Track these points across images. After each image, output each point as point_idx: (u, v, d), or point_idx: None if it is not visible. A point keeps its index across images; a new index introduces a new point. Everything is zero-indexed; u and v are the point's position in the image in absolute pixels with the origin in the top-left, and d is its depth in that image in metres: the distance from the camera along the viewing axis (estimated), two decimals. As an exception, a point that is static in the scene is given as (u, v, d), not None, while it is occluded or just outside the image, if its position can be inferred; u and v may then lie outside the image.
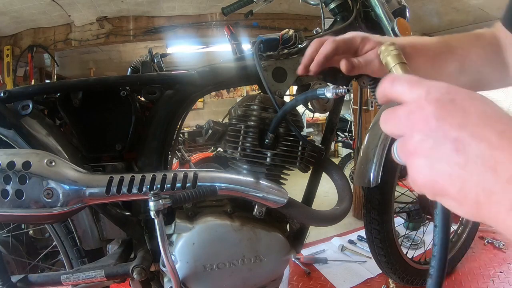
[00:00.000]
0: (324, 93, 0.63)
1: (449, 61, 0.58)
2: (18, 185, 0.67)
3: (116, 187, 0.72)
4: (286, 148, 0.81)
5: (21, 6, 3.08)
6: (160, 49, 3.98)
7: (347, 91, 0.60)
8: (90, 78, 1.13)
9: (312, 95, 0.72)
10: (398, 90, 0.30)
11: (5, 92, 0.76)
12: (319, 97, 0.68)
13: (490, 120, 0.25)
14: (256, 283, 0.84)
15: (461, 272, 1.45)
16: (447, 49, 0.59)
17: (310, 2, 1.05)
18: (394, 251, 1.22)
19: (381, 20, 0.91)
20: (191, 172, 0.76)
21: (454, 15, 3.78)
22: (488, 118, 0.25)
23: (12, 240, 0.95)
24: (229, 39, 1.00)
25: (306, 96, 0.73)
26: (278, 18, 3.83)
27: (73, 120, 0.84)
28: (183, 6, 3.57)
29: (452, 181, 0.25)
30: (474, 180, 0.24)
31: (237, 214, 0.82)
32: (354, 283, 1.45)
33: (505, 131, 0.24)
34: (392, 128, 0.30)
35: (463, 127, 0.25)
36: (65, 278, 0.76)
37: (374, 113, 2.79)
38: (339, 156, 6.08)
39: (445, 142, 0.26)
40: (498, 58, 0.60)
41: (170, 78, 0.87)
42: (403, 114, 0.28)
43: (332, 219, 0.85)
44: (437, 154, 0.26)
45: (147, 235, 0.83)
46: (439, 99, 0.27)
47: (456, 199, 0.26)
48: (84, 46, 3.72)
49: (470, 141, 0.25)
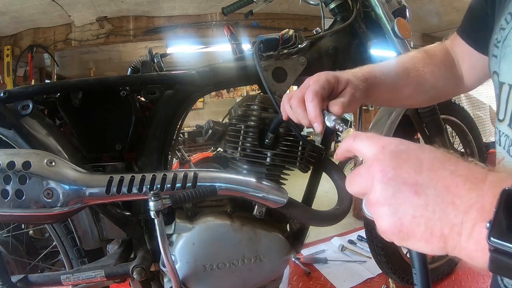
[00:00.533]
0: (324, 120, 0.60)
1: (407, 85, 0.63)
2: (18, 185, 0.67)
3: (116, 187, 0.72)
4: (286, 148, 0.81)
5: (21, 6, 3.09)
6: (160, 49, 3.97)
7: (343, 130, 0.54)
8: (90, 78, 1.13)
9: None
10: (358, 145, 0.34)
11: (5, 92, 0.76)
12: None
13: (441, 163, 0.28)
14: (256, 283, 0.84)
15: (461, 272, 1.45)
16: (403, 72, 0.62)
17: (310, 2, 1.05)
18: (394, 251, 1.22)
19: (381, 20, 0.91)
20: (191, 172, 0.76)
21: (454, 15, 3.78)
22: (440, 162, 0.29)
23: (12, 240, 0.95)
24: (229, 39, 1.00)
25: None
26: (278, 18, 3.84)
27: (73, 120, 0.84)
28: (183, 6, 3.58)
29: (417, 222, 0.27)
30: (437, 217, 0.27)
31: (237, 214, 0.82)
32: (354, 283, 1.45)
33: (456, 169, 0.28)
34: (356, 187, 0.32)
35: (419, 172, 0.28)
36: (65, 278, 0.76)
37: (374, 113, 2.78)
38: (339, 156, 6.07)
39: (405, 188, 0.28)
40: (451, 72, 0.65)
41: (170, 78, 0.87)
42: (364, 170, 0.31)
43: (332, 219, 0.85)
44: (399, 200, 0.28)
45: (147, 235, 0.83)
46: (393, 150, 0.30)
47: (423, 239, 0.28)
48: (84, 46, 3.72)
49: (428, 183, 0.28)
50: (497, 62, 0.47)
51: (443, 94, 0.69)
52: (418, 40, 4.54)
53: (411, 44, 0.95)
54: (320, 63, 0.92)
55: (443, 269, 1.40)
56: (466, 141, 1.36)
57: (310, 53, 0.91)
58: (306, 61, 0.89)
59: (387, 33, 0.92)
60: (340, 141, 0.38)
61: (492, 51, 0.48)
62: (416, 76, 0.63)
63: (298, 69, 0.88)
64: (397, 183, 0.28)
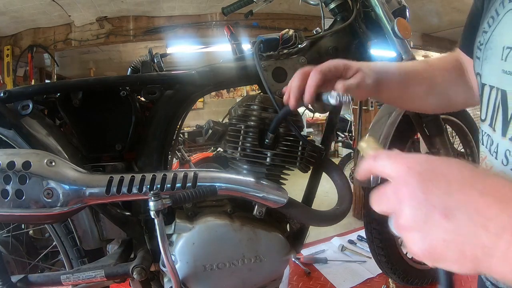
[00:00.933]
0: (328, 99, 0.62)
1: (417, 84, 0.63)
2: (18, 185, 0.67)
3: (116, 187, 0.72)
4: (286, 148, 0.81)
5: (21, 6, 3.08)
6: (160, 49, 3.97)
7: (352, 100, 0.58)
8: (90, 78, 1.13)
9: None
10: (381, 166, 0.33)
11: (5, 92, 0.76)
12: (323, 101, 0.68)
13: (470, 183, 0.28)
14: (256, 283, 0.84)
15: (461, 272, 1.45)
16: (414, 73, 0.63)
17: (310, 2, 1.05)
18: (394, 251, 1.22)
19: (381, 20, 0.91)
20: (191, 172, 0.76)
21: (454, 15, 3.78)
22: (468, 181, 0.28)
23: (12, 240, 0.95)
24: (229, 39, 1.00)
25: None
26: (278, 18, 3.83)
27: (73, 120, 0.84)
28: (183, 6, 3.57)
29: (448, 247, 0.27)
30: (468, 240, 0.27)
31: (237, 214, 0.82)
32: (354, 283, 1.44)
33: (485, 188, 0.27)
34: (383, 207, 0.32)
35: (448, 194, 0.28)
36: (65, 278, 0.76)
37: (374, 113, 2.78)
38: (339, 156, 6.07)
39: (435, 213, 0.28)
40: (462, 80, 0.64)
41: (170, 78, 0.87)
42: (391, 192, 0.31)
43: (332, 219, 0.85)
44: (429, 224, 0.28)
45: (147, 235, 0.83)
46: (420, 172, 0.29)
47: (455, 261, 0.28)
48: (84, 46, 3.72)
49: (458, 206, 0.27)
50: (480, 64, 0.47)
51: (453, 102, 0.68)
52: (418, 40, 4.54)
53: (411, 44, 0.95)
54: (320, 63, 0.91)
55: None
56: (466, 141, 1.36)
57: (310, 53, 0.91)
58: (306, 61, 0.89)
59: (387, 33, 0.92)
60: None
61: (475, 53, 0.49)
62: (427, 78, 0.63)
63: (298, 69, 0.87)
64: (427, 208, 0.28)
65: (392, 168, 0.31)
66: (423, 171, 0.29)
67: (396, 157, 0.32)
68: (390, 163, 0.32)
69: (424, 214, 0.28)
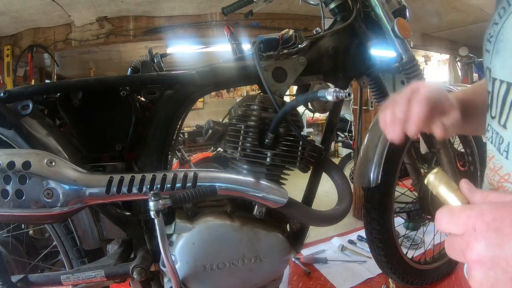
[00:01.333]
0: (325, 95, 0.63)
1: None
2: (18, 185, 0.67)
3: (116, 187, 0.72)
4: (286, 148, 0.81)
5: (21, 6, 3.08)
6: (160, 49, 3.97)
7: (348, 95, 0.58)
8: (90, 78, 1.13)
9: (313, 97, 0.71)
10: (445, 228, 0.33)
11: (5, 92, 0.76)
12: (320, 98, 0.68)
13: None
14: (256, 283, 0.84)
15: (461, 272, 1.45)
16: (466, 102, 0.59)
17: (310, 2, 1.05)
18: (394, 251, 1.22)
19: (381, 20, 0.91)
20: (191, 172, 0.76)
21: (454, 15, 3.78)
22: None
23: (12, 240, 0.95)
24: (229, 39, 1.00)
25: (307, 97, 0.73)
26: (278, 18, 3.83)
27: (73, 120, 0.84)
28: (183, 6, 3.57)
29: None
30: None
31: (237, 214, 0.82)
32: (354, 283, 1.44)
33: None
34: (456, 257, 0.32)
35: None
36: (65, 278, 0.76)
37: (374, 113, 2.78)
38: (339, 156, 6.07)
39: (505, 277, 0.28)
40: None
41: (170, 78, 0.87)
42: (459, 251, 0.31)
43: (332, 219, 0.85)
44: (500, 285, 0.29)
45: (147, 235, 0.83)
46: (487, 234, 0.29)
47: None
48: (84, 46, 3.72)
49: None
50: (489, 57, 0.45)
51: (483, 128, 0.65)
52: (418, 40, 4.54)
53: (411, 44, 0.95)
54: (320, 63, 0.92)
55: (443, 269, 1.40)
56: (466, 141, 1.36)
57: (310, 53, 0.91)
58: (306, 61, 0.89)
59: (387, 33, 0.92)
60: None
61: (485, 46, 0.47)
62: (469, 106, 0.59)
63: (298, 69, 0.88)
64: (496, 273, 0.29)
65: (456, 228, 0.32)
66: (490, 230, 0.29)
67: (458, 216, 0.32)
68: (452, 222, 0.32)
69: (495, 277, 0.29)
